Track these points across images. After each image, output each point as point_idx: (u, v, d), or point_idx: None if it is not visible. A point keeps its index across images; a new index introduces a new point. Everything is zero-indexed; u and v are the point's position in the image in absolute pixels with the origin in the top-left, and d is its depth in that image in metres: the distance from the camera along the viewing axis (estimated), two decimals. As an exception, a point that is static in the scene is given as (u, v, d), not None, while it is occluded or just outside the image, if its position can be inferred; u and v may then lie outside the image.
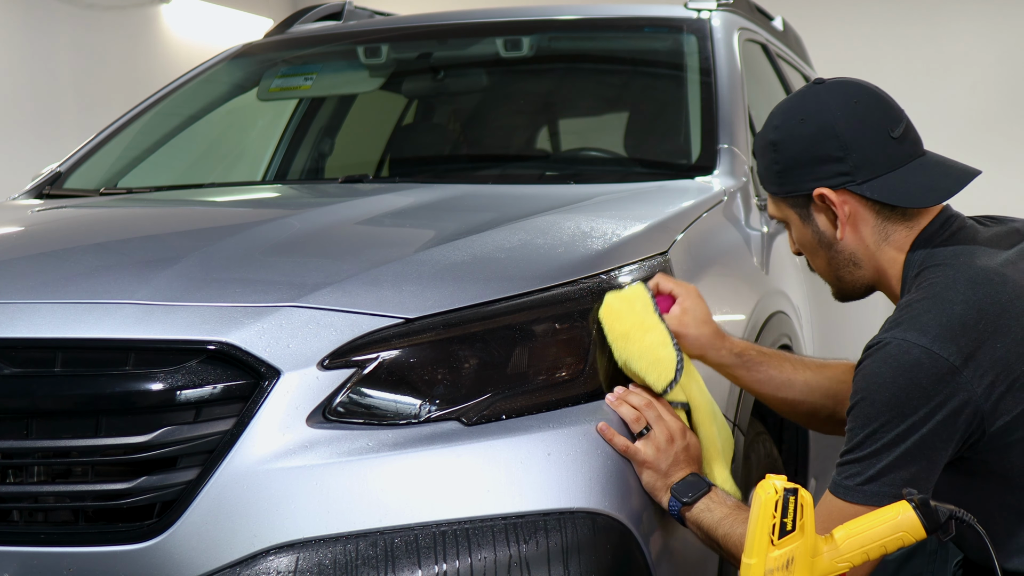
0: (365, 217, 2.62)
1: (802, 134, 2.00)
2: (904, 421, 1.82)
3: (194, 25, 8.90)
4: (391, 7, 4.53)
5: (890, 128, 1.99)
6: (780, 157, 2.02)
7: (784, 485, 1.73)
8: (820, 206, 2.01)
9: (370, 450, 1.90)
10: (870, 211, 1.99)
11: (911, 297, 1.91)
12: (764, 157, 2.06)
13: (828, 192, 1.98)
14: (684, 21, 3.49)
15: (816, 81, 2.07)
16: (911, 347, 1.83)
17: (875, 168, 1.97)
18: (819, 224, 2.03)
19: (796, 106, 2.04)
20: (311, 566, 1.84)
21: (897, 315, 1.89)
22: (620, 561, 1.93)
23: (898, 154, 1.98)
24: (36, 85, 7.61)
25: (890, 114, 2.01)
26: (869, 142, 1.97)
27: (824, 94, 2.02)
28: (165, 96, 3.72)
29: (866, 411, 1.85)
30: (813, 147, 1.98)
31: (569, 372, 2.02)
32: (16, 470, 1.94)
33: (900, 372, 1.82)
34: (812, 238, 2.05)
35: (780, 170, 2.03)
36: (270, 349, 1.91)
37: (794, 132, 2.01)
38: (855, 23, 9.21)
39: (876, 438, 1.84)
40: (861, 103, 2.00)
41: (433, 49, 3.84)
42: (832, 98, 2.01)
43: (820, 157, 1.98)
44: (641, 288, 2.09)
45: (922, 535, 1.73)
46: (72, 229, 2.74)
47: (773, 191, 2.07)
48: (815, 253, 2.07)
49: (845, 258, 2.03)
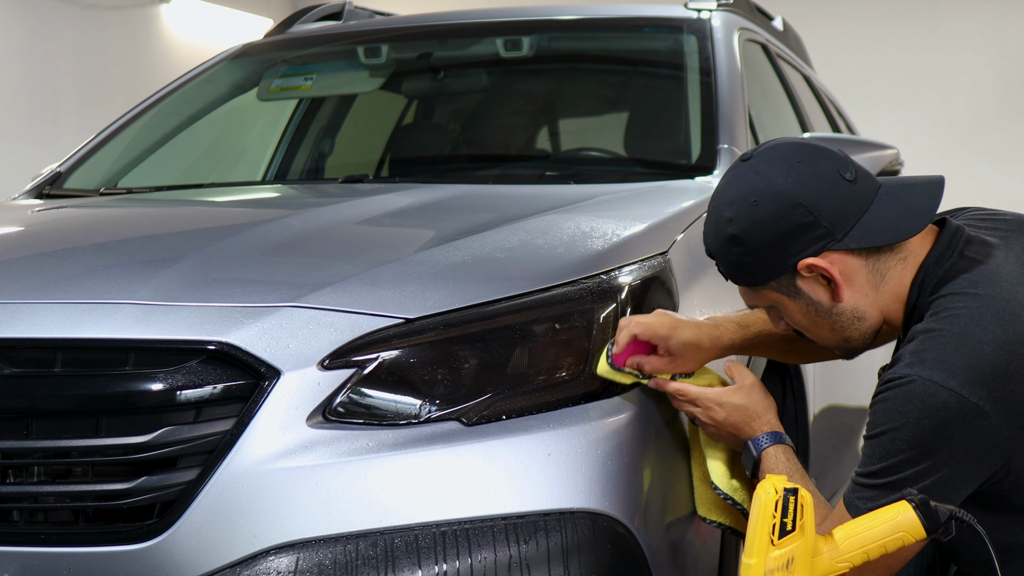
0: (365, 217, 2.63)
1: (762, 216, 1.87)
2: (926, 461, 1.79)
3: (194, 25, 8.91)
4: (391, 7, 4.53)
5: (842, 173, 1.88)
6: (747, 248, 1.89)
7: (784, 485, 1.73)
8: (807, 277, 1.90)
9: (370, 450, 1.90)
10: (859, 260, 1.90)
11: (933, 327, 1.83)
12: (728, 254, 1.93)
13: (814, 261, 1.87)
14: (684, 21, 3.49)
15: (742, 158, 1.95)
16: (938, 389, 1.77)
17: (848, 218, 1.87)
18: (811, 295, 1.92)
19: (741, 192, 1.90)
20: (311, 566, 1.84)
21: (920, 347, 1.82)
22: (620, 561, 1.93)
23: (862, 195, 1.89)
24: (36, 85, 7.61)
25: (835, 160, 1.91)
26: (831, 196, 1.87)
27: (762, 167, 1.90)
28: (165, 96, 3.72)
29: (886, 446, 1.81)
30: (779, 224, 1.87)
31: (569, 372, 2.02)
32: (16, 470, 1.94)
33: (925, 414, 1.77)
34: (808, 311, 1.94)
35: (751, 261, 1.90)
36: (270, 349, 1.91)
37: (753, 217, 1.88)
38: (855, 23, 9.21)
39: (894, 471, 1.81)
40: (803, 160, 1.89)
41: (433, 49, 3.84)
42: (772, 168, 1.89)
43: (790, 231, 1.86)
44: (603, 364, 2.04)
45: (922, 535, 1.73)
46: (72, 229, 2.74)
47: (751, 283, 1.95)
48: (816, 325, 1.96)
49: (848, 317, 1.93)
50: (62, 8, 7.73)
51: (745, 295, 2.01)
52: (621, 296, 2.10)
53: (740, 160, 1.95)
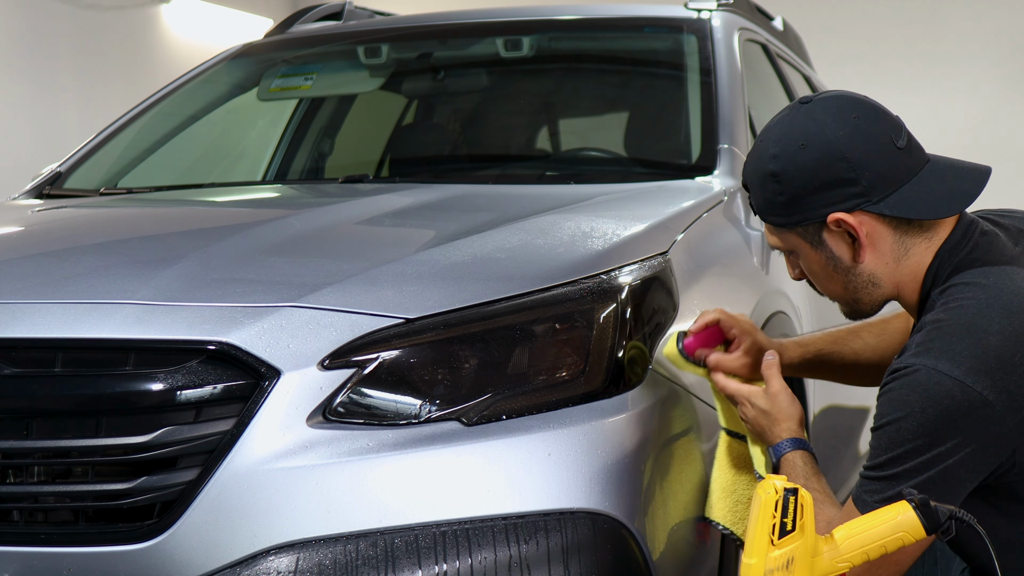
0: (365, 217, 2.63)
1: (806, 160, 1.88)
2: (931, 450, 1.79)
3: (194, 25, 8.91)
4: (391, 7, 4.54)
5: (894, 139, 1.90)
6: (784, 188, 1.91)
7: (784, 485, 1.73)
8: (835, 231, 1.91)
9: (370, 450, 1.90)
10: (888, 228, 1.91)
11: (940, 317, 1.84)
12: (764, 189, 1.94)
13: (845, 216, 1.89)
14: (684, 21, 3.49)
15: (802, 100, 1.96)
16: (943, 378, 1.77)
17: (889, 184, 1.88)
18: (834, 250, 1.93)
19: (792, 131, 1.92)
20: (311, 566, 1.84)
21: (926, 337, 1.82)
22: (620, 561, 1.93)
23: (908, 165, 1.90)
24: (36, 85, 7.61)
25: (891, 124, 1.92)
26: (878, 158, 1.88)
27: (819, 113, 1.91)
28: (165, 96, 3.72)
29: (891, 436, 1.81)
30: (821, 172, 1.88)
31: (569, 372, 2.02)
32: (16, 470, 1.94)
33: (930, 403, 1.78)
34: (826, 264, 1.96)
35: (785, 201, 1.91)
36: (270, 349, 1.91)
37: (797, 159, 1.89)
38: (855, 23, 9.21)
39: (899, 462, 1.81)
40: (860, 117, 1.90)
41: (433, 49, 3.84)
42: (828, 117, 1.90)
43: (830, 182, 1.88)
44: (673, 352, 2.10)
45: (922, 535, 1.73)
46: (72, 229, 2.74)
47: (778, 223, 1.96)
48: (830, 279, 1.98)
49: (864, 280, 1.95)
50: (62, 8, 7.73)
51: (769, 233, 2.02)
52: (621, 296, 2.10)
53: (799, 102, 1.96)
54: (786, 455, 2.00)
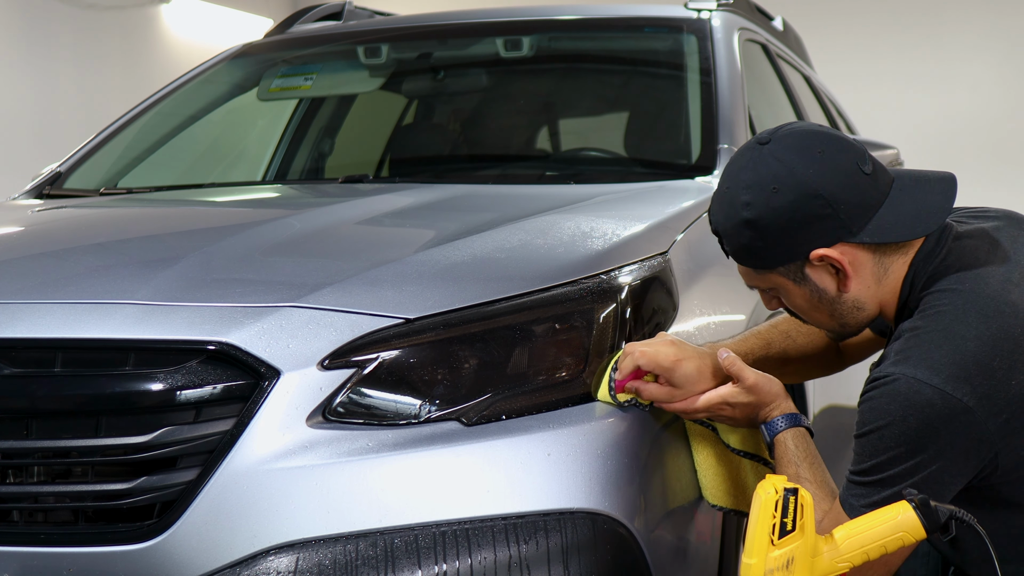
0: (365, 217, 2.62)
1: (781, 204, 1.86)
2: (913, 457, 1.80)
3: (194, 25, 8.91)
4: (391, 7, 4.54)
5: (861, 166, 1.89)
6: (762, 233, 1.89)
7: (784, 485, 1.73)
8: (818, 266, 1.91)
9: (370, 450, 1.90)
10: (868, 253, 1.91)
11: (917, 325, 1.85)
12: (739, 237, 1.92)
13: (828, 252, 1.88)
14: (684, 21, 3.49)
15: (760, 141, 1.93)
16: (923, 386, 1.78)
17: (865, 212, 1.88)
18: (818, 283, 1.92)
19: (760, 176, 1.89)
20: (311, 566, 1.84)
21: (905, 345, 1.83)
22: (620, 561, 1.93)
23: (877, 189, 1.90)
24: (36, 85, 7.61)
25: (855, 152, 1.90)
26: (850, 188, 1.87)
27: (783, 153, 1.89)
28: (165, 96, 3.72)
29: (874, 443, 1.82)
30: (798, 213, 1.86)
31: (569, 372, 2.02)
32: (16, 470, 1.94)
33: (911, 411, 1.78)
34: (811, 298, 1.95)
35: (763, 246, 1.90)
36: (270, 349, 1.91)
37: (771, 204, 1.87)
38: (855, 24, 9.21)
39: (883, 468, 1.82)
40: (825, 151, 1.88)
41: (433, 49, 3.84)
42: (793, 156, 1.88)
43: (808, 220, 1.86)
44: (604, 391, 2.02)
45: (922, 535, 1.73)
46: (72, 229, 2.74)
47: (759, 266, 1.95)
48: (816, 310, 1.97)
49: (849, 306, 1.94)
50: (62, 8, 7.73)
51: (746, 275, 2.00)
52: (621, 296, 2.10)
53: (757, 143, 1.93)
54: (778, 436, 1.99)
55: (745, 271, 2.00)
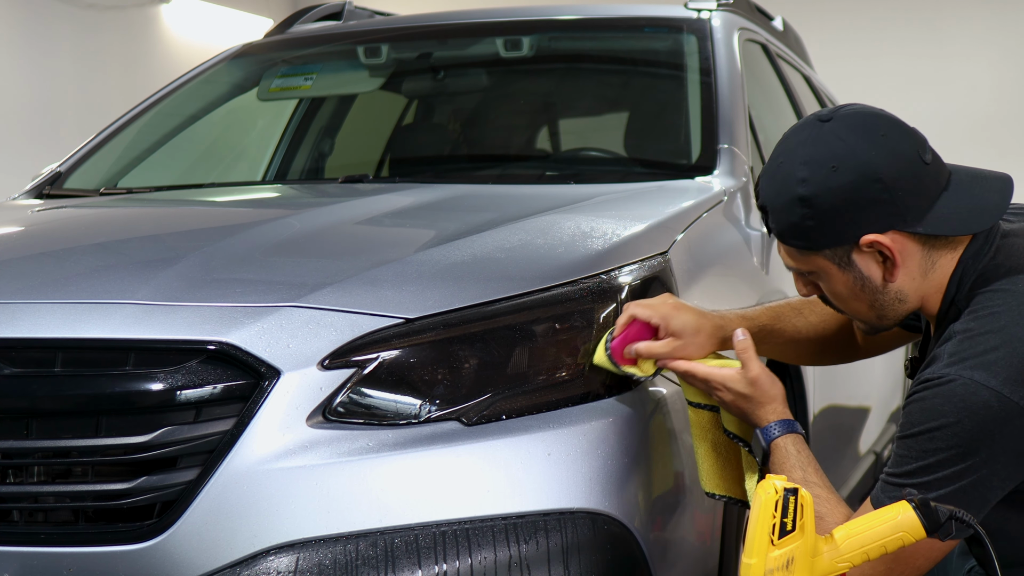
0: (365, 217, 2.62)
1: (839, 183, 1.83)
2: (965, 461, 1.77)
3: (194, 25, 8.91)
4: (391, 7, 4.54)
5: (921, 155, 1.86)
6: (815, 212, 1.85)
7: (784, 485, 1.73)
8: (866, 252, 1.87)
9: (370, 450, 1.90)
10: (918, 245, 1.87)
11: (971, 326, 1.82)
12: (791, 213, 1.87)
13: (880, 238, 1.84)
14: (684, 21, 3.49)
15: (821, 118, 1.90)
16: (980, 388, 1.75)
17: (921, 202, 1.84)
18: (863, 271, 1.88)
19: (819, 153, 1.85)
20: (311, 566, 1.84)
21: (959, 347, 1.80)
22: (620, 561, 1.93)
23: (936, 180, 1.87)
24: (36, 85, 7.61)
25: (916, 140, 1.88)
26: (909, 176, 1.84)
27: (844, 133, 1.86)
28: (165, 96, 3.72)
29: (923, 445, 1.79)
30: (855, 195, 1.82)
31: (569, 372, 2.02)
32: (16, 470, 1.94)
33: (966, 413, 1.76)
34: (853, 285, 1.91)
35: (815, 225, 1.86)
36: (270, 349, 1.91)
37: (828, 183, 1.83)
38: (855, 23, 9.22)
39: (931, 471, 1.79)
40: (888, 136, 1.86)
41: (433, 49, 3.84)
42: (856, 136, 1.85)
43: (864, 203, 1.83)
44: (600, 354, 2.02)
45: (922, 535, 1.73)
46: (72, 229, 2.74)
47: (804, 246, 1.90)
48: (856, 298, 1.93)
49: (891, 297, 1.91)
50: (62, 8, 7.73)
51: (788, 255, 1.96)
52: (621, 296, 2.10)
53: (818, 119, 1.90)
54: (776, 440, 1.95)
55: (787, 251, 1.95)
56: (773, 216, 1.92)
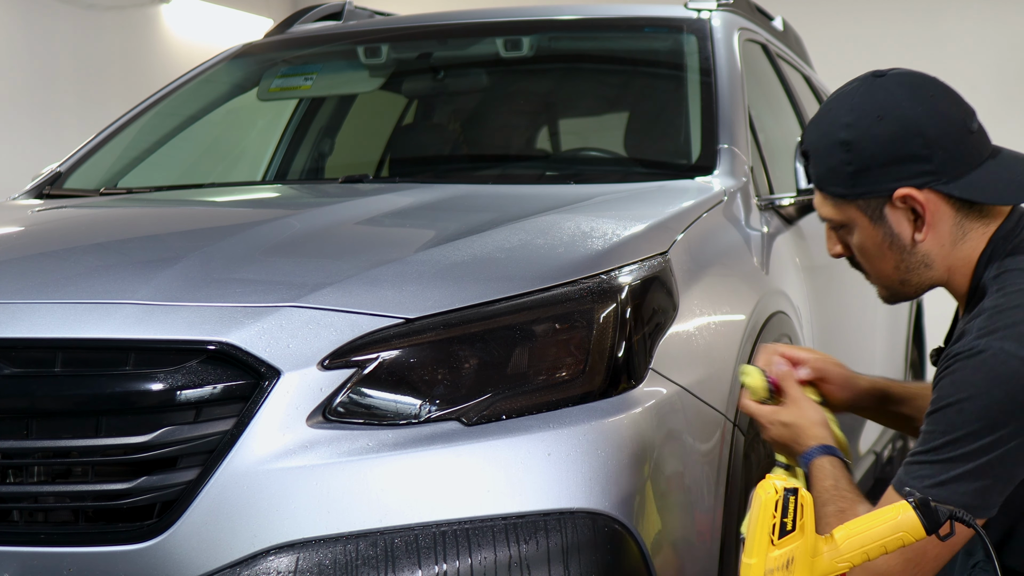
0: (365, 217, 2.62)
1: (882, 133, 1.88)
2: (992, 433, 1.76)
3: (194, 25, 8.90)
4: (391, 7, 4.54)
5: (968, 123, 1.90)
6: (855, 157, 1.89)
7: (784, 485, 1.73)
8: (899, 207, 1.90)
9: (370, 450, 1.90)
10: (951, 209, 1.90)
11: (1000, 302, 1.83)
12: (831, 157, 1.92)
13: (914, 192, 1.88)
14: (684, 21, 3.49)
15: (875, 74, 1.96)
16: (1010, 358, 1.76)
17: (960, 166, 1.88)
18: (894, 226, 1.91)
19: (867, 102, 1.91)
20: (311, 566, 1.84)
21: (988, 322, 1.81)
22: (620, 561, 1.93)
23: (978, 150, 1.90)
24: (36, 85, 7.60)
25: (965, 108, 1.92)
26: (952, 139, 1.88)
27: (894, 88, 1.92)
28: (165, 96, 3.72)
29: (952, 418, 1.79)
30: (895, 146, 1.87)
31: (569, 372, 2.02)
32: (16, 470, 1.94)
33: (996, 383, 1.76)
34: (882, 241, 1.93)
35: (853, 171, 1.90)
36: (270, 349, 1.91)
37: (872, 131, 1.88)
38: (855, 23, 9.21)
39: (957, 446, 1.78)
40: (936, 97, 1.91)
41: (433, 49, 3.84)
42: (905, 92, 1.91)
43: (903, 156, 1.87)
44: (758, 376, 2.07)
45: (922, 535, 1.73)
46: (72, 229, 2.74)
47: (841, 193, 1.93)
48: (882, 256, 1.96)
49: (918, 260, 1.93)
50: (62, 8, 7.72)
51: (822, 205, 1.99)
52: (621, 296, 2.10)
53: (872, 75, 1.96)
54: (815, 460, 1.95)
55: (822, 200, 1.98)
56: (814, 160, 1.97)
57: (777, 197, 3.06)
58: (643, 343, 2.10)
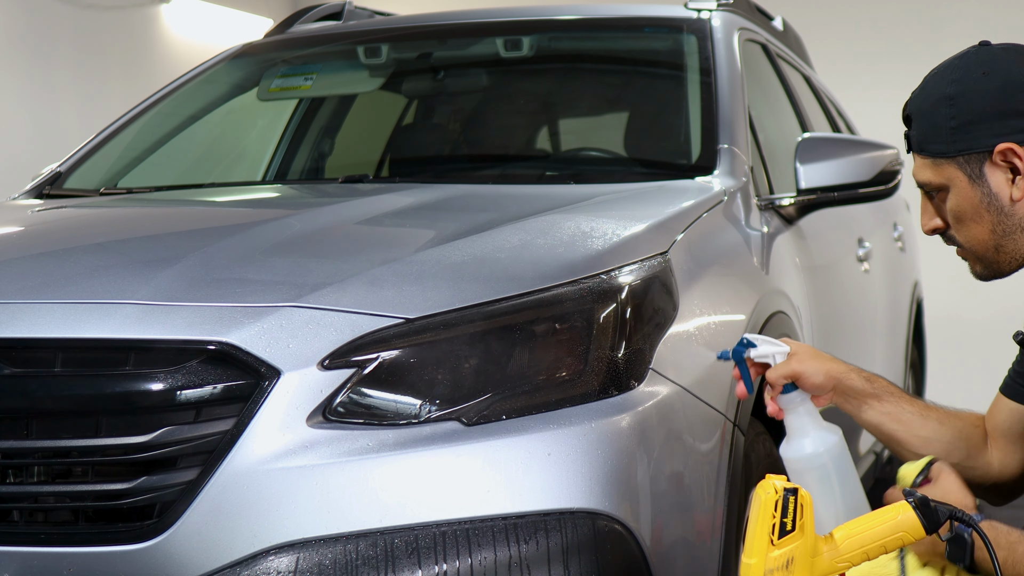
0: (365, 217, 2.62)
1: (987, 87, 1.90)
2: None
3: (194, 25, 8.90)
4: (391, 7, 4.53)
5: None
6: (958, 112, 1.91)
7: (784, 485, 1.73)
8: (999, 165, 1.90)
9: (370, 450, 1.90)
10: None
11: None
12: (934, 114, 1.93)
13: (1016, 147, 1.88)
14: (684, 21, 3.49)
15: (982, 43, 1.97)
16: None
17: None
18: (992, 185, 1.91)
19: (972, 62, 1.93)
20: (311, 566, 1.84)
21: None
22: (620, 561, 1.93)
23: None
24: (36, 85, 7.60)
25: None
26: None
27: (1000, 51, 1.94)
28: (165, 96, 3.72)
29: None
30: (999, 100, 1.89)
31: (569, 372, 2.02)
32: (16, 470, 1.94)
33: None
34: (980, 201, 1.92)
35: (957, 126, 1.91)
36: (270, 349, 1.92)
37: (977, 85, 1.90)
38: (855, 23, 9.21)
39: None
40: None
41: (433, 49, 3.84)
42: (1010, 56, 1.93)
43: (1006, 111, 1.88)
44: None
45: (922, 535, 1.73)
46: (72, 229, 2.74)
47: (939, 151, 1.93)
48: (978, 219, 1.94)
49: (1015, 223, 1.92)
50: (62, 8, 7.72)
51: (921, 169, 1.99)
52: (621, 296, 2.10)
53: (979, 44, 1.98)
54: (982, 523, 1.78)
55: (921, 164, 1.98)
56: (916, 122, 1.97)
57: (777, 197, 3.06)
58: (643, 343, 2.10)
